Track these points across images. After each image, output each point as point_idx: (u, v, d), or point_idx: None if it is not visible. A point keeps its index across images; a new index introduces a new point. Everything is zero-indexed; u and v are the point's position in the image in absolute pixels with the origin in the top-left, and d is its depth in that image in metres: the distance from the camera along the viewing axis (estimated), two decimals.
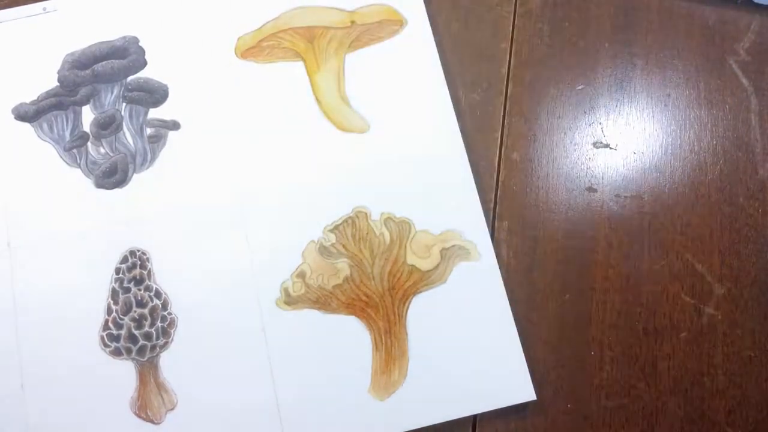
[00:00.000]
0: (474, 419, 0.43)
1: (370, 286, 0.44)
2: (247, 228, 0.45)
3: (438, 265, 0.44)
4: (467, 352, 0.43)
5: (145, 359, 0.43)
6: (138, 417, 0.42)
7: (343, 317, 0.44)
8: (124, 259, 0.45)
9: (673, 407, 0.43)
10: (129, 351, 0.43)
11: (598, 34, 0.50)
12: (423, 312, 0.44)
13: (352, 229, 0.45)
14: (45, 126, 0.48)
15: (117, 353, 0.43)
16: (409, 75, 0.49)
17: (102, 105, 0.48)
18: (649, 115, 0.49)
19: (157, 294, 0.44)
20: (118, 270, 0.45)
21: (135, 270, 0.45)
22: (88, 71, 0.48)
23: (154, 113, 0.48)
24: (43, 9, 0.50)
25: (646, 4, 0.51)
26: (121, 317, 0.44)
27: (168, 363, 0.43)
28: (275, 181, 0.46)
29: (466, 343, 0.43)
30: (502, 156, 0.48)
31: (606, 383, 0.43)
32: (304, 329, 0.43)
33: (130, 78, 0.49)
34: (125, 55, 0.49)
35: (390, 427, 0.41)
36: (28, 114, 0.48)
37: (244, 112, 0.48)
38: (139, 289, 0.44)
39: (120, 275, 0.44)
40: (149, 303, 0.44)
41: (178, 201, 0.46)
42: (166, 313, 0.44)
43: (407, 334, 0.43)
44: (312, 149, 0.47)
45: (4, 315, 0.44)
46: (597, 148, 0.48)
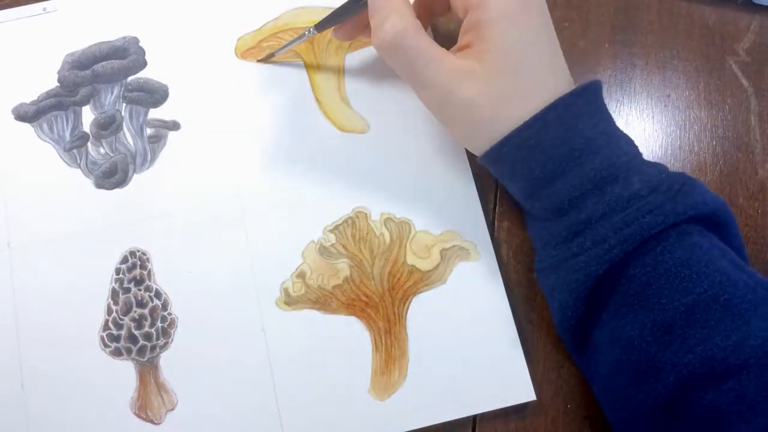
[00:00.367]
0: (474, 419, 0.43)
1: (370, 286, 0.44)
2: (247, 228, 0.45)
3: (438, 266, 0.44)
4: (467, 352, 0.43)
5: (145, 359, 0.43)
6: (138, 417, 0.42)
7: (343, 317, 0.44)
8: (124, 260, 0.45)
9: None
10: (129, 351, 0.43)
11: (598, 34, 0.50)
12: (423, 312, 0.44)
13: (352, 230, 0.45)
14: (45, 126, 0.48)
15: (117, 353, 0.43)
16: None
17: (102, 105, 0.48)
18: (649, 116, 0.49)
19: (157, 294, 0.44)
20: (118, 270, 0.45)
21: (135, 270, 0.45)
22: (88, 71, 0.48)
23: (154, 113, 0.48)
24: (43, 9, 0.50)
25: (646, 4, 0.51)
26: (121, 317, 0.44)
27: (168, 363, 0.43)
28: (275, 181, 0.46)
29: (466, 344, 0.43)
30: None
31: None
32: (304, 329, 0.43)
33: (130, 78, 0.49)
34: (125, 56, 0.49)
35: (390, 428, 0.41)
36: (28, 114, 0.48)
37: (244, 112, 0.48)
38: (139, 290, 0.44)
39: (120, 275, 0.44)
40: (149, 303, 0.44)
41: (178, 201, 0.46)
42: (166, 314, 0.44)
43: (407, 334, 0.43)
44: (312, 149, 0.47)
45: (4, 315, 0.44)
46: None
